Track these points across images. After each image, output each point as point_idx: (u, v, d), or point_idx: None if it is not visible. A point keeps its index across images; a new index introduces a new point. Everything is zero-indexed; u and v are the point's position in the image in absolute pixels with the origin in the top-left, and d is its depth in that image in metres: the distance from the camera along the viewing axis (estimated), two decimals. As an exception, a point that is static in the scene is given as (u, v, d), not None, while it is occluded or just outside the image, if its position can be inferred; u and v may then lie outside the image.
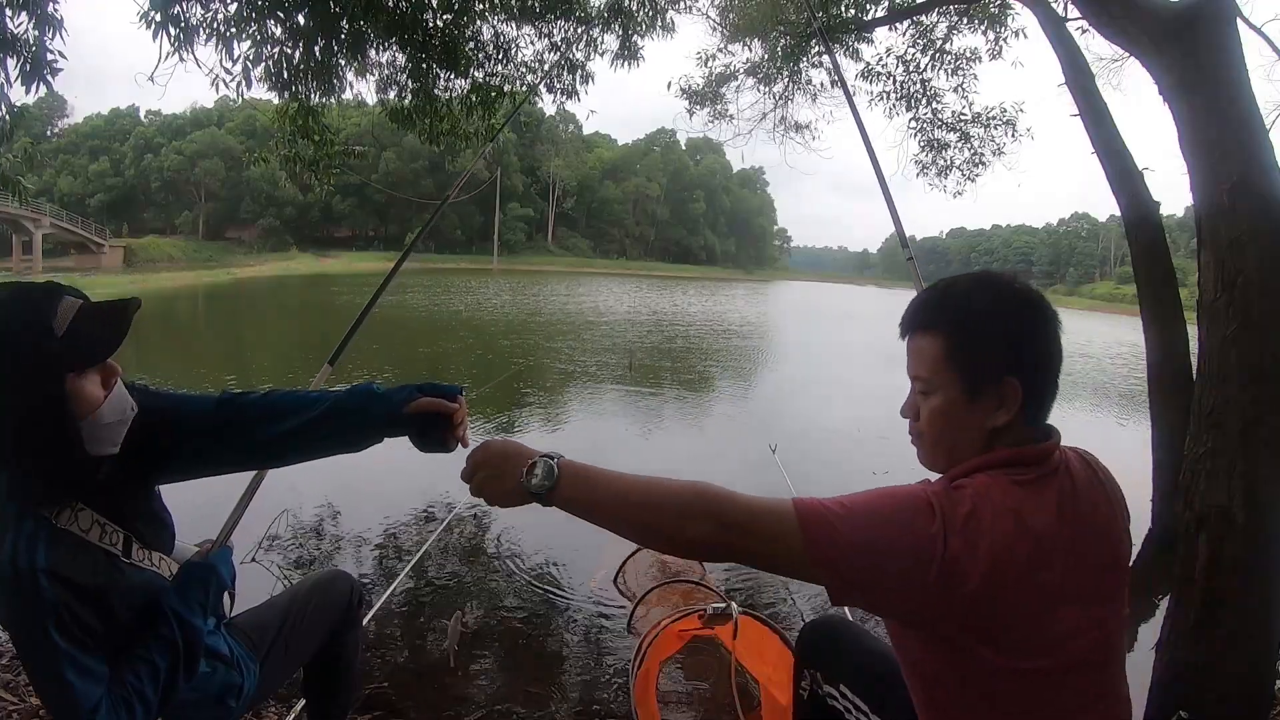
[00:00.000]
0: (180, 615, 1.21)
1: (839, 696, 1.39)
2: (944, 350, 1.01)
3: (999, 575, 0.88)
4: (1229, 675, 1.94)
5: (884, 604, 0.97)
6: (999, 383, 0.98)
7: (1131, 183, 3.96)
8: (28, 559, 1.04)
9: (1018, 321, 1.00)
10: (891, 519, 0.91)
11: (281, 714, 2.25)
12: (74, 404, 1.09)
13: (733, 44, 6.66)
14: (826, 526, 0.90)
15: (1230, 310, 1.97)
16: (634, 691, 2.24)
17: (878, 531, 0.90)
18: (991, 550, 0.88)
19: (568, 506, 1.00)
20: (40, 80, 3.37)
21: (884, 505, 0.93)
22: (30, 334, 1.06)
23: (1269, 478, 1.93)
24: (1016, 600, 0.90)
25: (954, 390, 1.01)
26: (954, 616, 0.90)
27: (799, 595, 3.84)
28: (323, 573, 1.84)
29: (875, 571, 0.90)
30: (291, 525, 4.38)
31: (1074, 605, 0.93)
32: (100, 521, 1.15)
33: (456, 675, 2.91)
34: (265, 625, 1.56)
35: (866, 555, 0.89)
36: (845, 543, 0.89)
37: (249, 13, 4.10)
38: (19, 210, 34.97)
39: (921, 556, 0.87)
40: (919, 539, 0.88)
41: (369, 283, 31.72)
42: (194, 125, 58.12)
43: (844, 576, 0.91)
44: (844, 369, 14.31)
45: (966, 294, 1.03)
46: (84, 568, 1.09)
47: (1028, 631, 0.92)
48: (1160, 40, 2.24)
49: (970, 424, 1.00)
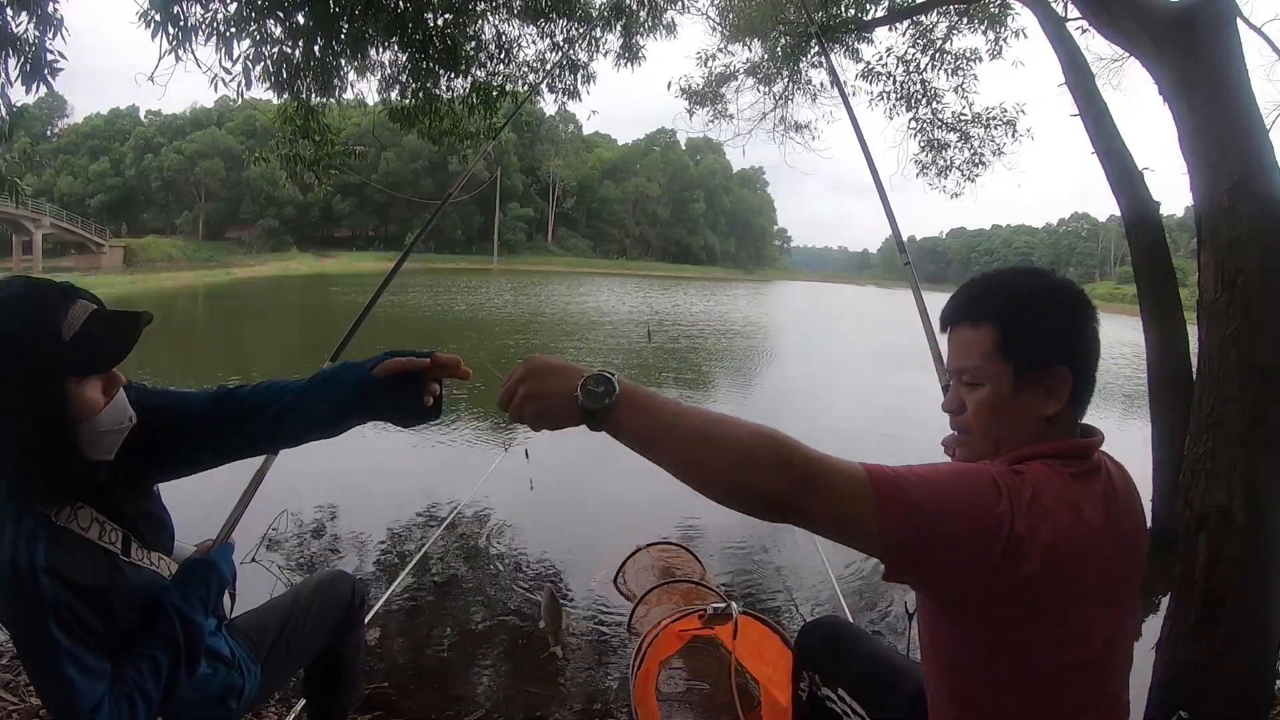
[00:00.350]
0: (181, 611, 1.20)
1: (837, 700, 1.39)
2: (995, 341, 1.01)
3: (1055, 563, 0.87)
4: (1229, 675, 1.95)
5: (938, 580, 0.92)
6: (1050, 372, 0.98)
7: (1131, 183, 3.96)
8: (28, 558, 1.03)
9: (1069, 311, 1.01)
10: (962, 494, 0.88)
11: (281, 714, 2.25)
12: (73, 407, 1.09)
13: (733, 44, 6.66)
14: (902, 494, 0.84)
15: (1230, 310, 1.98)
16: (634, 691, 2.24)
17: (950, 505, 0.86)
18: (1052, 537, 0.87)
19: (622, 433, 0.85)
20: (40, 80, 3.37)
21: (953, 480, 0.89)
22: (34, 334, 1.05)
23: (1269, 478, 1.93)
24: (1063, 590, 0.90)
25: (1005, 381, 1.00)
26: (1006, 599, 0.89)
27: (799, 595, 3.84)
28: (324, 573, 1.85)
29: (941, 545, 0.86)
30: (292, 525, 4.38)
31: (1098, 606, 0.94)
32: (99, 520, 1.15)
33: (456, 675, 2.91)
34: (266, 627, 1.56)
35: (937, 527, 0.85)
36: (919, 513, 0.84)
37: (248, 12, 4.10)
38: (19, 210, 34.99)
39: (987, 534, 0.85)
40: (987, 516, 0.86)
41: (368, 283, 31.67)
42: (194, 125, 58.13)
43: (909, 547, 0.86)
44: (847, 368, 14.31)
45: (1016, 285, 1.04)
46: (84, 566, 1.09)
47: (1062, 623, 0.92)
48: (1160, 40, 2.24)
49: (1020, 414, 1.00)
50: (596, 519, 5.00)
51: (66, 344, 1.07)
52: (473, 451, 6.36)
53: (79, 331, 1.08)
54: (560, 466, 6.20)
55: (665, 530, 4.40)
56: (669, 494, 5.52)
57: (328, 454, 4.16)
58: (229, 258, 48.36)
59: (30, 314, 1.07)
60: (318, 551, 4.19)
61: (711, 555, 4.10)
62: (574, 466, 6.21)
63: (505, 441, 6.52)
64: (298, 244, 56.74)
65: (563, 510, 5.11)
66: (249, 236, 57.57)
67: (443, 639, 3.25)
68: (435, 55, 4.92)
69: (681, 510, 5.00)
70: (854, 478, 0.85)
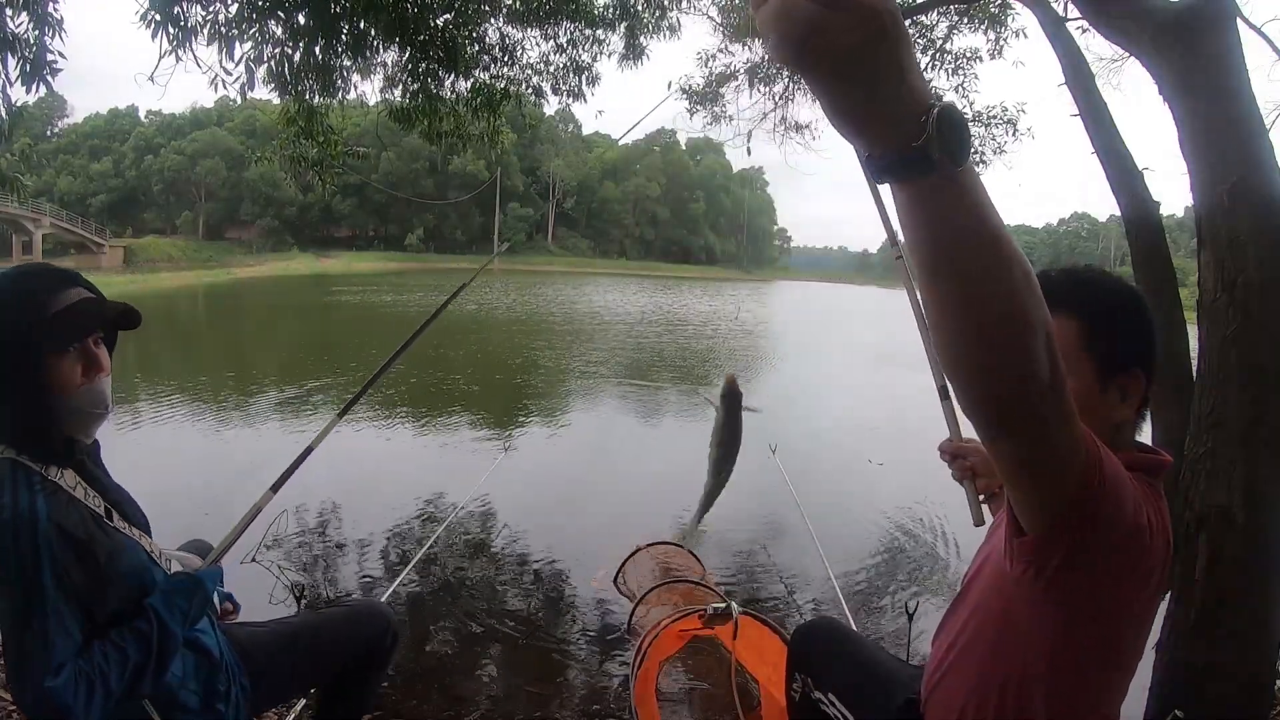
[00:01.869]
0: (160, 616, 1.23)
1: (829, 704, 1.40)
2: (1079, 333, 0.95)
3: (1123, 554, 0.84)
4: (1229, 675, 1.95)
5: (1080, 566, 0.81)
6: (1128, 374, 0.94)
7: (1131, 183, 3.95)
8: (29, 505, 1.11)
9: (1143, 316, 0.98)
10: (1128, 483, 0.81)
11: (282, 714, 2.25)
12: (48, 378, 1.20)
13: (733, 45, 6.65)
14: (1105, 458, 0.75)
15: (1230, 310, 1.98)
16: (634, 691, 2.24)
17: (1126, 490, 0.80)
18: (1133, 526, 0.83)
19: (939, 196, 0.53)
20: (40, 80, 3.36)
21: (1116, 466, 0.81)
22: (17, 309, 1.19)
23: (1269, 478, 1.93)
24: (1139, 595, 0.89)
25: (1088, 377, 0.95)
26: (1111, 594, 0.86)
27: (799, 595, 3.84)
28: (360, 603, 1.85)
29: (1118, 510, 0.78)
30: (293, 525, 4.38)
31: (1148, 618, 0.96)
32: (82, 484, 1.23)
33: (457, 675, 2.91)
34: (265, 645, 1.54)
35: (1118, 509, 0.78)
36: (1110, 486, 0.76)
37: (249, 13, 4.09)
38: (19, 210, 34.99)
39: (1141, 531, 0.83)
40: (1139, 513, 0.83)
41: (368, 283, 31.77)
42: (194, 125, 58.08)
43: (1086, 519, 0.76)
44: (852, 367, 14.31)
45: (1098, 281, 0.99)
46: (74, 519, 1.16)
47: (1131, 626, 0.93)
48: (1160, 40, 2.24)
49: (1097, 414, 0.92)
50: (596, 519, 5.00)
51: (45, 319, 1.19)
52: (473, 451, 6.36)
53: (61, 310, 1.20)
54: (561, 467, 6.21)
55: (665, 530, 4.40)
56: (669, 494, 5.54)
57: (328, 454, 4.17)
58: (229, 258, 48.34)
59: (19, 290, 1.21)
60: (318, 552, 4.19)
61: (711, 555, 4.10)
62: (574, 466, 6.22)
63: (505, 442, 6.52)
64: (298, 244, 56.70)
65: (563, 510, 5.11)
66: (249, 237, 57.54)
67: (443, 639, 3.26)
68: (436, 56, 4.92)
69: (681, 510, 5.00)
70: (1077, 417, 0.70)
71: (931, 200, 0.54)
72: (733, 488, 2.45)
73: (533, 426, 7.85)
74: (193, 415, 7.56)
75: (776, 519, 4.77)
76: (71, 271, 1.29)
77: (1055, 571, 0.81)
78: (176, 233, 57.17)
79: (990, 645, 0.99)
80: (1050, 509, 0.75)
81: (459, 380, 10.37)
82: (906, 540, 4.73)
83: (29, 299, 1.20)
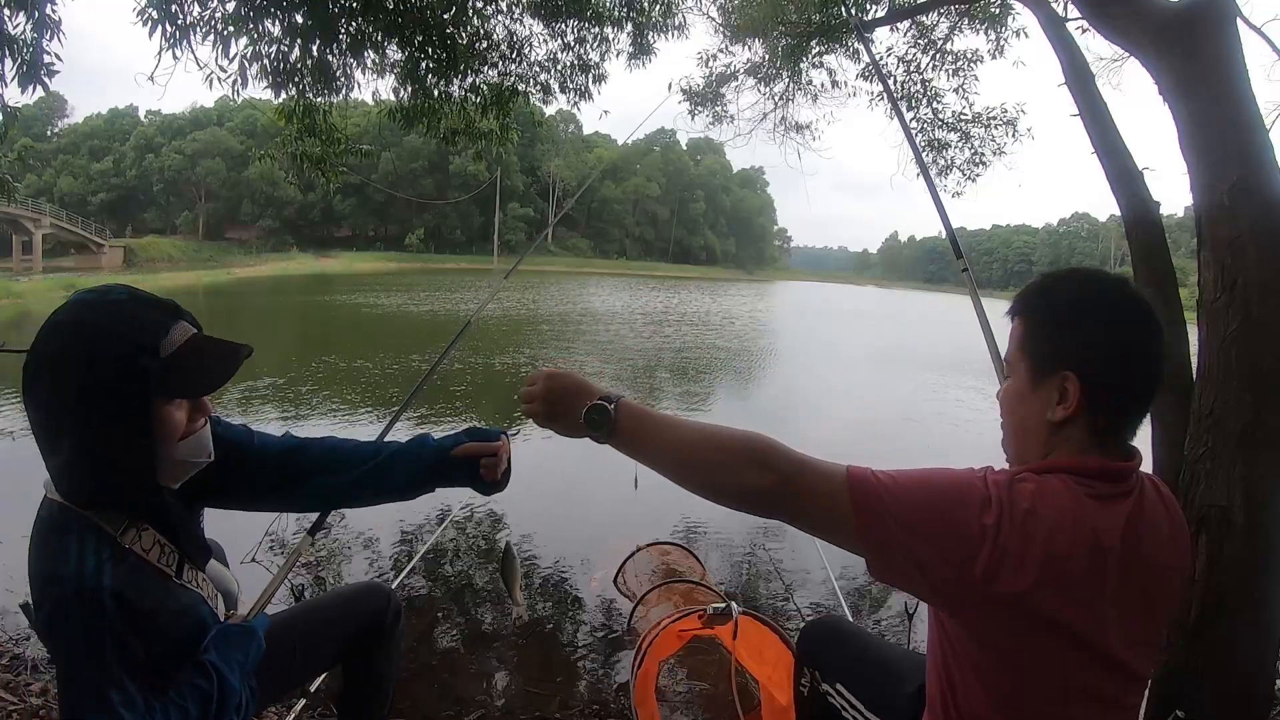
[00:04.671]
0: (220, 671, 1.17)
1: (836, 694, 1.40)
2: (1021, 334, 1.02)
3: (1052, 582, 0.85)
4: (1229, 675, 1.94)
5: (921, 587, 0.92)
6: (1058, 375, 0.96)
7: (1131, 183, 3.94)
8: (95, 578, 1.01)
9: (1088, 317, 0.97)
10: (940, 503, 0.88)
11: (281, 714, 2.25)
12: (156, 428, 1.07)
13: (734, 45, 6.64)
14: (877, 500, 0.88)
15: (1230, 310, 1.97)
16: (634, 691, 2.24)
17: (927, 515, 0.88)
18: (1046, 556, 0.85)
19: (622, 447, 1.01)
20: (36, 82, 3.36)
21: (937, 487, 0.90)
22: (131, 346, 1.03)
23: (1269, 478, 1.93)
24: (1062, 611, 0.87)
25: (1023, 375, 1.00)
26: (998, 612, 0.88)
27: (799, 595, 3.84)
28: (356, 583, 1.79)
29: (918, 554, 0.88)
30: (294, 525, 4.38)
31: (1091, 649, 0.90)
32: (160, 542, 1.12)
33: (457, 675, 2.91)
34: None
35: (913, 535, 0.87)
36: (892, 520, 0.88)
37: (246, 11, 4.09)
38: (19, 210, 35.00)
39: (969, 546, 0.86)
40: (969, 528, 0.86)
41: (368, 283, 31.75)
42: (194, 125, 58.11)
43: (886, 553, 0.90)
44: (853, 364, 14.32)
45: (1054, 283, 1.03)
46: (143, 590, 1.07)
47: (1060, 645, 0.89)
48: (1160, 41, 2.24)
49: (1031, 413, 0.99)
50: (597, 519, 5.01)
51: (161, 361, 1.05)
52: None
53: (176, 352, 1.07)
54: (561, 467, 6.21)
55: (665, 530, 4.41)
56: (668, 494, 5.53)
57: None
58: (229, 257, 48.37)
59: (131, 325, 1.05)
60: (318, 552, 4.19)
61: (711, 555, 4.11)
62: (574, 467, 6.21)
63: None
64: (298, 244, 56.75)
65: (563, 510, 5.11)
66: (249, 236, 57.57)
67: (443, 639, 3.26)
68: (435, 55, 4.91)
69: (681, 510, 5.01)
70: (834, 480, 0.90)
71: (620, 447, 1.01)
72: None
73: (533, 426, 7.83)
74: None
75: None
76: (171, 301, 1.13)
77: (904, 587, 0.95)
78: (176, 233, 57.23)
79: (934, 632, 1.02)
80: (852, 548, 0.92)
81: (458, 379, 10.37)
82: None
83: (142, 334, 1.05)
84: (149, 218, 58.25)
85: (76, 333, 1.03)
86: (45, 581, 1.03)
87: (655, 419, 1.00)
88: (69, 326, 1.04)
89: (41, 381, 1.04)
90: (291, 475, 1.35)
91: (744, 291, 46.16)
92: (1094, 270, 1.05)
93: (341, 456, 1.38)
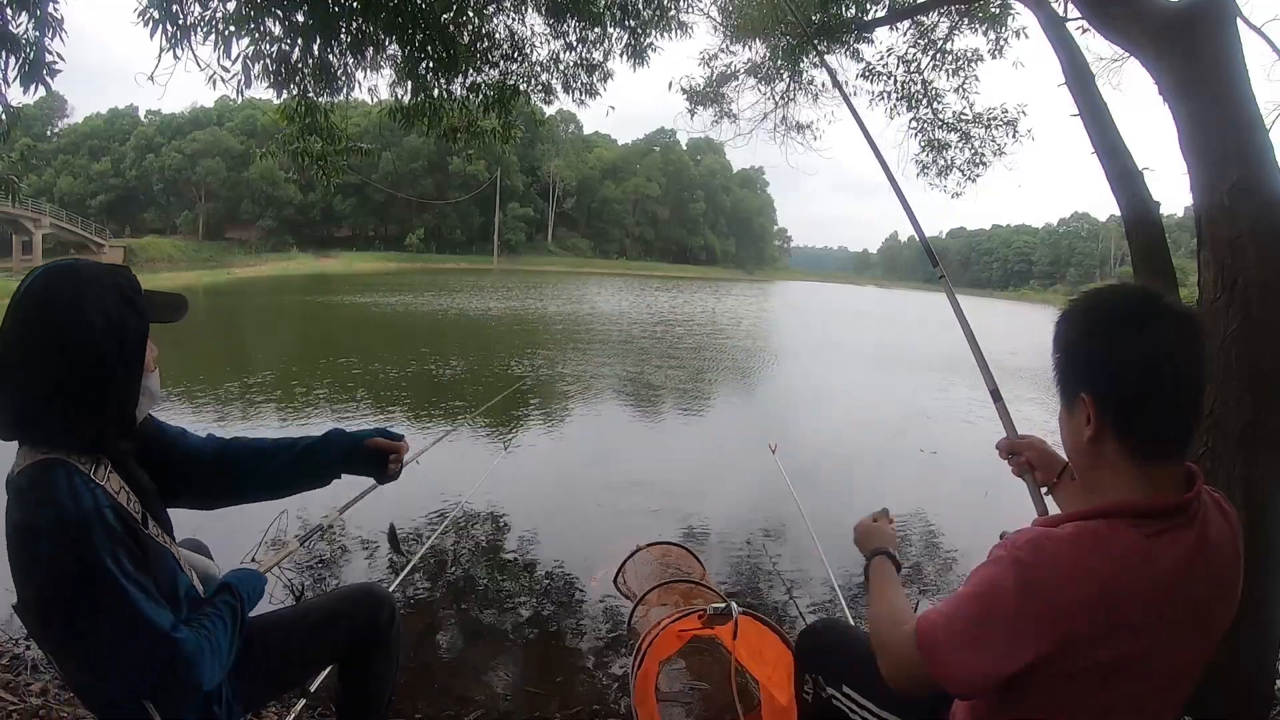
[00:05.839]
0: (236, 590, 1.29)
1: (843, 698, 1.39)
2: (1056, 360, 1.04)
3: (1067, 646, 0.90)
4: (1229, 675, 1.94)
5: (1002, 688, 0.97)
6: (1079, 397, 0.98)
7: (1131, 183, 3.94)
8: (89, 498, 1.08)
9: (1097, 336, 0.98)
10: (984, 621, 0.94)
11: (281, 714, 2.25)
12: (146, 354, 1.21)
13: (734, 44, 6.64)
14: (940, 651, 0.98)
15: (1230, 310, 1.97)
16: (634, 691, 2.24)
17: (979, 633, 0.95)
18: (1063, 620, 0.90)
19: (868, 580, 1.29)
20: (38, 81, 3.36)
21: (976, 606, 0.96)
22: (128, 285, 1.19)
23: (1269, 478, 1.93)
24: (1109, 653, 0.91)
25: (1061, 400, 1.04)
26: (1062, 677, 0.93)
27: (799, 595, 3.84)
28: (353, 585, 1.82)
29: (984, 668, 0.95)
30: (293, 525, 4.37)
31: (1137, 681, 0.94)
32: (125, 488, 1.19)
33: (456, 675, 2.91)
34: (253, 634, 1.44)
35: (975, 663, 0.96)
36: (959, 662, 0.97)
37: (247, 10, 4.09)
38: (19, 210, 34.99)
39: (1019, 638, 0.91)
40: (1005, 624, 0.92)
41: (368, 283, 31.73)
42: (194, 125, 58.08)
43: (964, 686, 1.00)
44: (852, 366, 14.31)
45: (1073, 306, 1.04)
46: (121, 518, 1.13)
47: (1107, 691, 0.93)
48: (1160, 41, 2.24)
49: (1070, 435, 1.02)
50: (597, 519, 5.00)
51: (146, 295, 1.22)
52: (474, 452, 6.36)
53: (148, 291, 1.24)
54: (561, 467, 6.21)
55: (665, 530, 4.40)
56: (669, 494, 5.52)
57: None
58: (229, 257, 48.38)
59: (112, 274, 1.19)
60: (319, 552, 4.18)
61: (711, 555, 4.10)
62: (575, 467, 6.21)
63: (505, 442, 6.52)
64: (298, 244, 56.72)
65: (563, 510, 5.11)
66: (249, 236, 57.55)
67: (443, 639, 3.26)
68: (435, 55, 4.91)
69: (681, 510, 5.01)
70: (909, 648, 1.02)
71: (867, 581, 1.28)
72: (733, 487, 2.45)
73: (532, 425, 7.85)
74: (193, 412, 7.56)
75: (776, 519, 4.77)
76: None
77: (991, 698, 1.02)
78: (176, 232, 57.21)
79: None
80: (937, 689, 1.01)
81: (459, 380, 10.37)
82: (907, 540, 4.72)
83: (129, 284, 1.20)
84: (149, 218, 58.22)
85: (73, 278, 1.14)
86: (28, 527, 1.07)
87: (875, 584, 1.26)
88: (61, 275, 1.14)
89: (33, 320, 1.11)
90: (224, 469, 1.46)
91: (746, 291, 46.15)
92: (1113, 286, 1.07)
93: (265, 449, 1.51)
